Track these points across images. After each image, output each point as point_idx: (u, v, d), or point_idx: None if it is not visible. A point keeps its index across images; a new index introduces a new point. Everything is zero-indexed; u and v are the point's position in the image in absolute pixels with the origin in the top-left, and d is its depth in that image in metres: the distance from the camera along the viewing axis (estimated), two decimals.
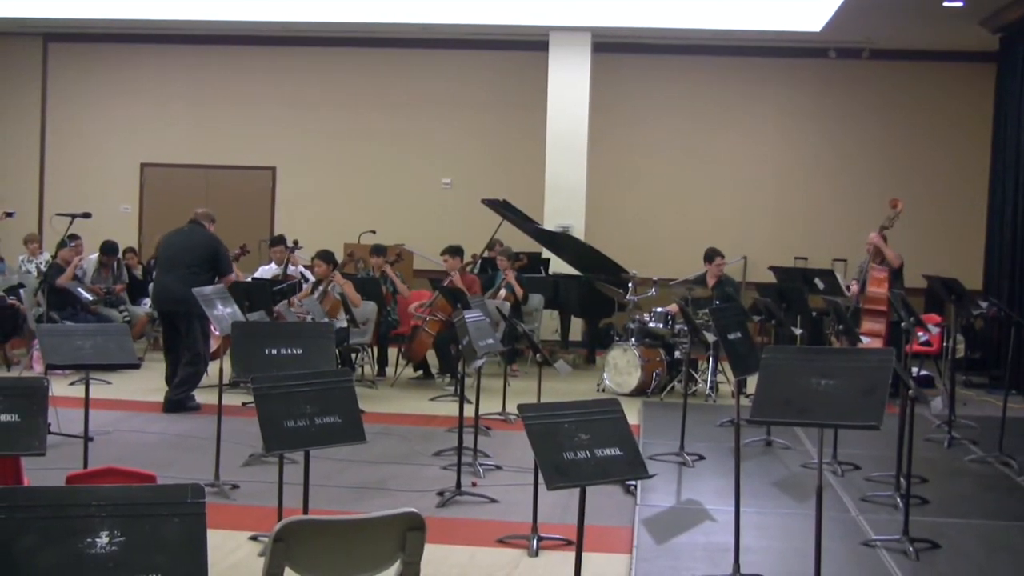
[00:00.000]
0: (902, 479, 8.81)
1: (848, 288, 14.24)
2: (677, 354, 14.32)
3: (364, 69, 20.44)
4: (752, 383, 6.48)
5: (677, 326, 14.23)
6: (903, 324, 10.66)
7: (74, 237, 15.58)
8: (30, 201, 20.86)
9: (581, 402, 5.45)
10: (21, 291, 15.71)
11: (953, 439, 11.57)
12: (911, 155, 19.45)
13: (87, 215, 14.24)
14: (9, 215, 16.40)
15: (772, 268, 14.60)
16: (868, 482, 9.81)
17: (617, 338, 15.25)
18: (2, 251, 17.71)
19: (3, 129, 21.18)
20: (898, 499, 8.93)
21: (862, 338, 12.32)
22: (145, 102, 20.91)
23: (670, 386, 14.25)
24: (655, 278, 15.36)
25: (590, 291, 16.27)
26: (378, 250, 15.79)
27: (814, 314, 14.40)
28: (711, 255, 14.97)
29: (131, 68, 20.95)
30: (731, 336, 7.94)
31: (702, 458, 10.64)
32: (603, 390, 14.37)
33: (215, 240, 12.83)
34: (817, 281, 13.71)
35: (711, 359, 14.20)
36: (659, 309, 14.62)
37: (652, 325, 14.50)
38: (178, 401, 12.58)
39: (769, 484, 9.78)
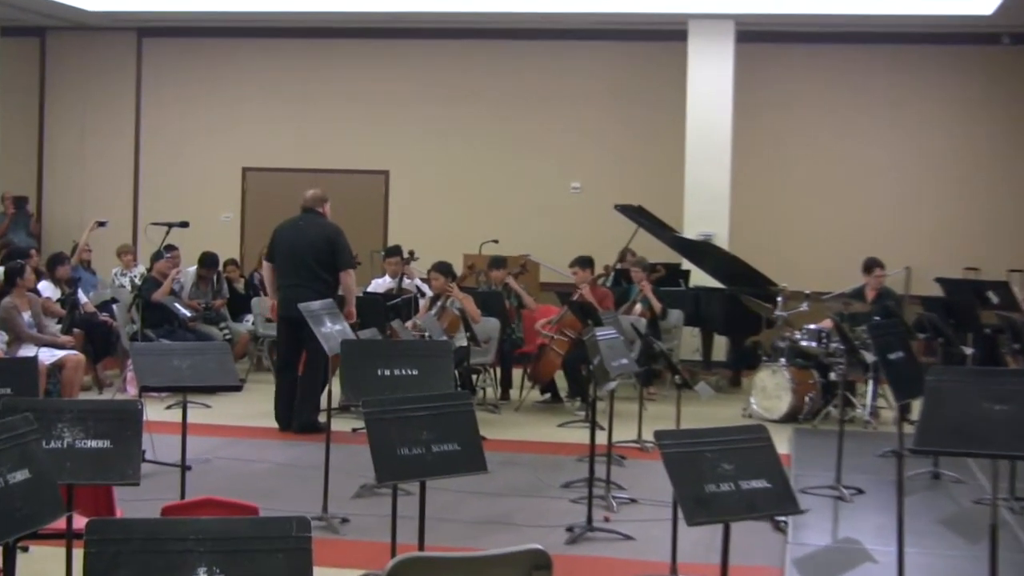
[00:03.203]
0: None
1: None
2: (832, 376, 14.16)
3: (486, 63, 20.49)
4: (917, 408, 6.39)
5: (832, 345, 14.08)
6: None
7: (171, 248, 15.80)
8: (124, 209, 21.19)
9: (725, 428, 5.42)
10: (114, 307, 15.94)
11: None
12: None
13: (184, 224, 14.46)
14: (101, 224, 16.71)
15: (939, 280, 14.42)
16: None
17: (765, 358, 15.14)
18: (94, 264, 17.99)
19: (95, 131, 21.54)
20: None
21: None
22: (247, 101, 21.15)
23: (824, 411, 14.11)
24: (807, 291, 15.19)
25: (735, 306, 16.18)
26: (500, 262, 15.82)
27: (987, 331, 14.18)
28: (870, 265, 14.83)
29: (231, 64, 21.22)
30: (892, 356, 7.85)
31: (860, 492, 10.52)
32: (749, 416, 14.27)
33: (333, 230, 12.92)
34: (990, 294, 13.52)
35: (870, 381, 14.04)
36: (812, 326, 14.49)
37: (804, 344, 14.39)
38: (312, 422, 12.71)
39: (936, 522, 9.64)
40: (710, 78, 18.30)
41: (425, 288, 15.36)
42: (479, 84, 20.50)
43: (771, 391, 14.26)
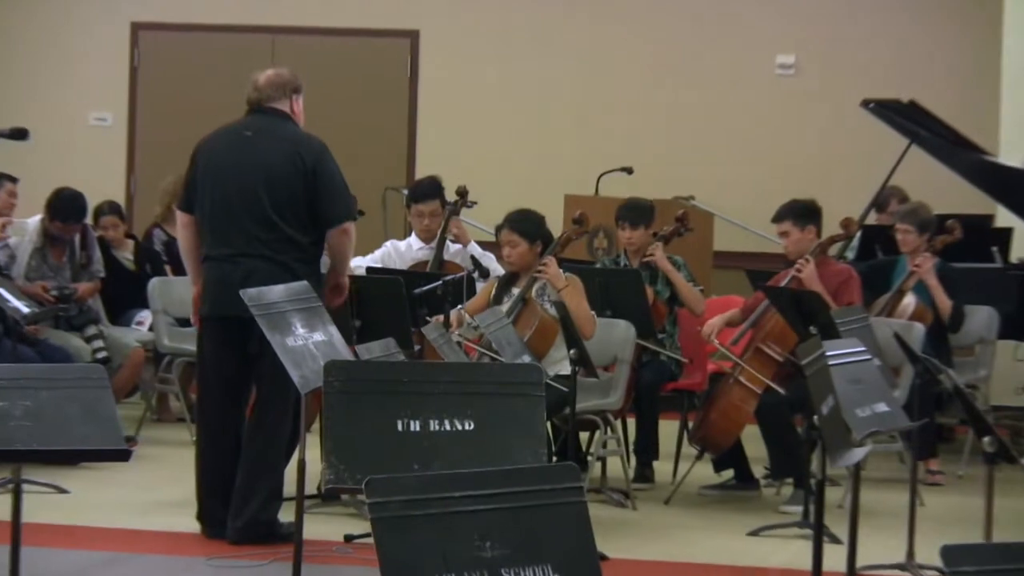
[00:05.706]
0: None
1: None
2: None
3: None
4: None
5: None
6: None
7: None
8: None
9: None
10: None
11: None
12: None
13: (20, 134, 14.50)
14: None
15: None
16: None
17: None
18: None
19: None
20: None
21: None
22: None
23: None
24: None
25: None
26: (639, 213, 15.71)
27: None
28: None
29: None
30: None
31: None
32: None
33: (312, 148, 12.52)
34: None
35: None
36: None
37: None
38: (267, 522, 12.52)
39: None
40: None
41: (489, 261, 15.30)
42: None
43: None
